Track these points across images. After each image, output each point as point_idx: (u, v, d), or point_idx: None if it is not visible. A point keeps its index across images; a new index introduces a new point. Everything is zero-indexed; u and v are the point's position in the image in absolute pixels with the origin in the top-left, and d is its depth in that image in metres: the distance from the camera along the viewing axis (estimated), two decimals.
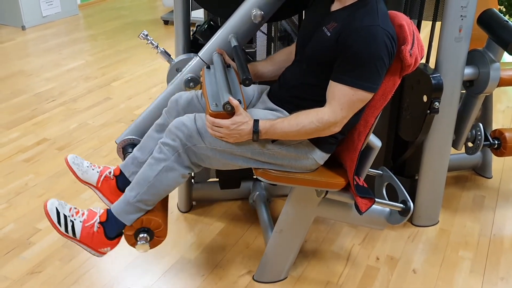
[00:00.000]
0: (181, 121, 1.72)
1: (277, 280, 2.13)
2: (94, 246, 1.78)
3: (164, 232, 1.82)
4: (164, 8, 6.47)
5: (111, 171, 1.94)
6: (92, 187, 1.93)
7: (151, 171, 1.73)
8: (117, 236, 1.79)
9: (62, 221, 1.73)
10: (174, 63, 2.08)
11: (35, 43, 5.17)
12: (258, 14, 1.88)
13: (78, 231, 1.74)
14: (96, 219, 1.77)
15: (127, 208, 1.76)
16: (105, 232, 1.76)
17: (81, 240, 1.75)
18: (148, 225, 1.78)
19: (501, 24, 2.25)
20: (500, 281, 2.15)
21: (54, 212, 1.73)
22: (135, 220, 1.76)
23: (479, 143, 2.57)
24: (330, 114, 1.61)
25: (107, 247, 1.80)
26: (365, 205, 1.81)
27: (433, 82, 2.08)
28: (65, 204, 1.78)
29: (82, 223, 1.75)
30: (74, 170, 1.91)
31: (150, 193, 1.74)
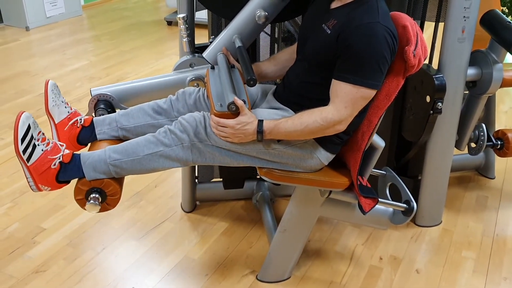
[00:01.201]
0: (193, 116, 1.72)
1: (280, 279, 2.13)
2: (37, 179, 1.67)
3: (116, 202, 1.74)
4: (168, 9, 6.49)
5: (81, 119, 1.87)
6: (53, 123, 1.84)
7: (146, 148, 1.70)
8: (66, 182, 1.71)
9: (26, 140, 1.61)
10: (192, 58, 2.02)
11: (39, 44, 5.19)
12: (262, 15, 1.89)
13: (34, 158, 1.63)
14: (58, 156, 1.67)
15: (98, 165, 1.68)
16: (58, 173, 1.67)
17: (30, 167, 1.64)
18: (106, 188, 1.70)
19: (504, 25, 2.25)
20: (503, 281, 2.15)
21: (25, 127, 1.61)
22: (96, 178, 1.68)
23: (482, 144, 2.57)
24: (334, 112, 1.61)
25: (48, 187, 1.69)
26: (369, 205, 1.82)
27: (436, 83, 2.08)
28: (37, 125, 1.67)
29: (43, 152, 1.64)
30: (48, 97, 1.81)
31: (131, 165, 1.70)
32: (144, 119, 1.86)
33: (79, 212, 2.54)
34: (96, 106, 1.97)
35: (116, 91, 1.99)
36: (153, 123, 1.86)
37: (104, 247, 2.31)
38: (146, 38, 5.42)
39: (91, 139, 1.87)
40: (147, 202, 2.64)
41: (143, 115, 1.87)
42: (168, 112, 1.87)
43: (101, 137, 1.85)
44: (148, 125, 1.85)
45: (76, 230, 2.42)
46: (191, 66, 2.02)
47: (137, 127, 1.85)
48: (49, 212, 2.54)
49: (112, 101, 1.98)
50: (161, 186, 2.78)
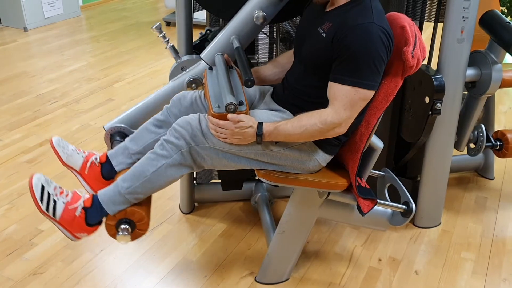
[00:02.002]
0: (186, 120, 1.71)
1: (279, 281, 2.13)
2: (72, 230, 1.72)
3: (146, 226, 1.77)
4: (166, 10, 6.48)
5: (97, 158, 1.89)
6: (75, 172, 1.88)
7: (150, 166, 1.71)
8: (97, 223, 1.74)
9: (45, 199, 1.67)
10: (181, 62, 2.05)
11: (37, 45, 5.18)
12: (260, 15, 1.88)
13: (59, 212, 1.68)
14: (80, 203, 1.71)
15: (115, 198, 1.71)
16: (86, 218, 1.71)
17: (60, 221, 1.70)
18: (131, 217, 1.73)
19: (503, 25, 2.25)
20: (502, 283, 2.15)
21: (39, 188, 1.66)
22: (119, 211, 1.72)
23: (481, 144, 2.57)
24: (334, 115, 1.61)
25: (84, 233, 1.74)
26: (367, 206, 1.81)
27: (435, 83, 2.08)
28: (50, 182, 1.72)
29: (64, 204, 1.69)
30: (58, 153, 1.85)
31: (144, 187, 1.71)
32: (149, 137, 1.87)
33: None
34: (112, 139, 2.02)
35: (125, 120, 2.02)
36: (157, 138, 1.83)
37: (102, 249, 2.30)
38: (145, 38, 5.41)
39: (114, 172, 1.88)
40: None
41: (147, 134, 1.88)
42: (167, 122, 1.87)
43: (119, 168, 1.86)
44: (154, 142, 1.83)
45: None
46: (183, 69, 2.04)
47: (146, 147, 1.85)
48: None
49: (124, 130, 2.01)
50: None
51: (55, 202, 1.68)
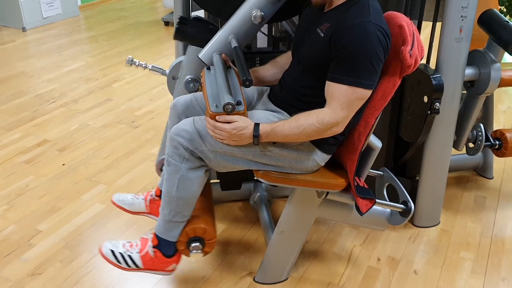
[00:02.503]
0: (179, 127, 1.72)
1: (278, 281, 2.12)
2: (160, 268, 1.86)
3: (213, 234, 1.86)
4: (165, 9, 6.48)
5: (152, 194, 2.04)
6: (145, 214, 2.05)
7: (171, 186, 1.76)
8: (176, 251, 1.86)
9: (120, 259, 1.83)
10: (169, 73, 2.12)
11: (35, 45, 5.18)
12: (258, 15, 1.88)
13: (139, 262, 1.83)
14: (148, 245, 1.85)
15: (167, 227, 1.82)
16: (162, 253, 1.84)
17: (146, 268, 1.85)
18: (195, 234, 1.83)
19: (501, 24, 2.25)
20: (501, 282, 2.15)
21: (110, 254, 1.83)
22: (180, 234, 1.83)
23: (480, 144, 2.57)
24: (331, 114, 1.60)
25: (172, 264, 1.87)
26: (366, 206, 1.81)
27: (433, 83, 2.07)
28: (117, 243, 1.86)
29: (138, 253, 1.84)
30: (123, 208, 2.08)
31: (180, 205, 1.78)
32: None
33: (76, 214, 2.53)
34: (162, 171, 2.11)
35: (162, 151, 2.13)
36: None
37: None
38: (143, 38, 5.41)
39: None
40: None
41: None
42: None
43: None
44: None
45: (72, 232, 2.41)
46: (174, 78, 2.13)
47: None
48: (45, 214, 2.53)
49: None
50: None
51: (130, 257, 1.83)
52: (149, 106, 3.76)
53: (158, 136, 3.29)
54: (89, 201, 2.63)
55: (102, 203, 2.61)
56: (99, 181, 2.81)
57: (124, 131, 3.37)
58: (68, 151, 3.12)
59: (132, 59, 2.16)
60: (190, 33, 2.01)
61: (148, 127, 3.43)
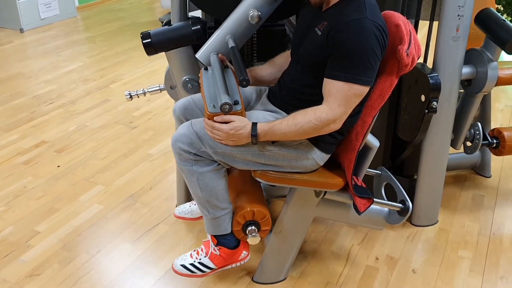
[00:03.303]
0: (177, 133, 1.74)
1: (276, 281, 2.12)
2: (233, 261, 1.94)
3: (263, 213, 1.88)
4: (163, 10, 6.47)
5: None
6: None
7: (194, 189, 1.80)
8: (237, 242, 1.92)
9: (194, 269, 1.91)
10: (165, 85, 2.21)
11: (33, 46, 5.17)
12: (255, 15, 1.88)
13: (211, 265, 1.91)
14: (211, 246, 1.91)
15: (215, 224, 1.85)
16: (227, 248, 1.90)
17: (219, 266, 1.92)
18: (245, 220, 1.87)
19: (498, 23, 2.25)
20: (499, 280, 2.15)
21: (183, 269, 1.92)
22: (230, 224, 1.86)
23: (477, 142, 2.57)
24: (328, 111, 1.60)
25: (242, 253, 1.94)
26: (364, 205, 1.81)
27: (431, 82, 2.08)
28: (184, 256, 1.95)
29: (207, 257, 1.91)
30: (186, 218, 2.24)
31: (212, 202, 1.81)
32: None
33: (74, 215, 2.53)
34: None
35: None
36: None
37: (99, 250, 2.29)
38: None
39: None
40: (142, 204, 2.63)
41: None
42: None
43: None
44: None
45: (70, 233, 2.40)
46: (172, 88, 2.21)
47: None
48: (43, 215, 2.53)
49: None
50: (156, 188, 2.77)
51: (201, 263, 1.91)
52: (147, 106, 3.76)
53: (156, 137, 3.29)
54: (87, 202, 2.63)
55: (100, 204, 2.61)
56: (97, 182, 2.81)
57: (122, 132, 3.37)
58: (66, 152, 3.12)
59: (130, 93, 2.22)
60: (156, 43, 2.02)
61: (146, 128, 3.43)
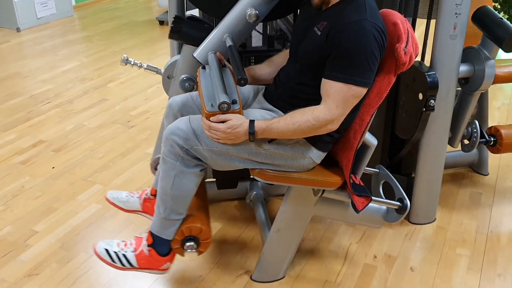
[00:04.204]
0: (175, 125, 1.72)
1: (275, 279, 2.12)
2: (154, 267, 1.86)
3: (208, 234, 1.86)
4: (160, 9, 6.46)
5: (147, 193, 2.04)
6: (139, 212, 2.04)
7: (166, 184, 1.76)
8: (170, 250, 1.86)
9: (115, 259, 1.82)
10: (164, 72, 2.12)
11: (30, 45, 5.16)
12: (253, 13, 1.88)
13: (133, 261, 1.83)
14: (143, 244, 1.84)
15: (163, 225, 1.81)
16: (157, 252, 1.84)
17: (140, 267, 1.84)
18: (190, 233, 1.83)
19: (495, 21, 2.25)
20: (497, 278, 2.16)
21: (105, 253, 1.83)
22: (175, 232, 1.82)
23: (475, 140, 2.58)
24: (326, 112, 1.61)
25: (166, 263, 1.87)
26: (362, 204, 1.81)
27: (428, 80, 2.08)
28: (111, 242, 1.86)
29: (133, 252, 1.83)
30: (117, 205, 2.08)
31: (176, 202, 1.78)
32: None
33: (72, 214, 2.52)
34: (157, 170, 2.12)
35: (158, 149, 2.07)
36: None
37: None
38: (138, 38, 5.39)
39: None
40: None
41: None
42: None
43: None
44: None
45: (69, 232, 2.40)
46: (169, 77, 2.12)
47: None
48: (41, 215, 2.52)
49: None
50: None
51: (124, 256, 1.83)
52: (145, 105, 3.75)
53: (153, 136, 3.29)
54: (85, 201, 2.63)
55: (98, 203, 2.61)
56: (95, 181, 2.80)
57: (119, 131, 3.37)
58: (64, 151, 3.11)
59: (127, 58, 2.16)
60: (185, 32, 2.00)
61: (143, 127, 3.43)
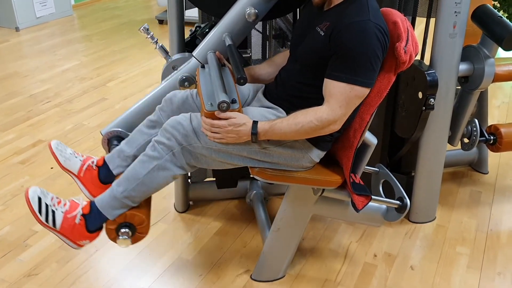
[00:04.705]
0: (177, 120, 1.71)
1: (275, 278, 2.12)
2: (73, 238, 1.73)
3: (147, 229, 1.79)
4: (159, 8, 6.46)
5: (94, 161, 1.90)
6: (73, 175, 1.88)
7: (142, 169, 1.71)
8: (98, 229, 1.75)
9: (43, 210, 1.68)
10: (171, 61, 2.04)
11: (29, 45, 5.16)
12: (252, 12, 1.88)
13: (58, 222, 1.70)
14: (78, 211, 1.73)
15: (112, 203, 1.72)
16: (86, 225, 1.72)
17: (60, 231, 1.71)
18: (131, 221, 1.75)
19: (495, 19, 2.25)
20: (497, 276, 2.16)
21: (36, 200, 1.67)
22: (118, 215, 1.73)
23: (475, 139, 2.57)
24: (329, 112, 1.60)
25: (86, 240, 1.75)
26: (362, 203, 1.81)
27: (428, 79, 2.08)
28: (47, 193, 1.73)
29: (63, 213, 1.71)
30: (56, 156, 1.86)
31: (139, 190, 1.72)
32: (142, 138, 1.88)
33: None
34: (110, 144, 2.02)
35: (121, 123, 2.02)
36: (150, 139, 1.83)
37: (97, 249, 2.29)
38: (138, 37, 5.39)
39: (112, 176, 1.88)
40: None
41: (140, 135, 1.89)
42: (160, 122, 1.87)
43: (117, 172, 1.87)
44: (147, 143, 1.84)
45: None
46: (174, 68, 2.04)
47: (139, 149, 1.85)
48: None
49: (121, 134, 2.01)
50: None
51: (53, 212, 1.69)
52: None
53: None
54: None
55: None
56: None
57: None
58: None
59: (148, 28, 2.02)
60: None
61: None
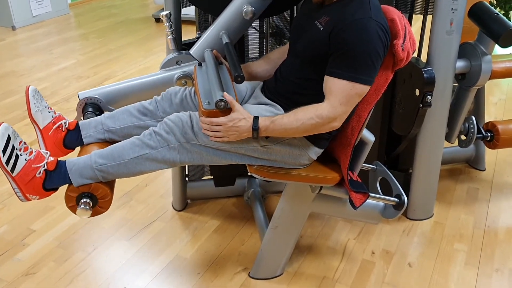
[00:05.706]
0: (178, 116, 1.71)
1: (273, 276, 2.13)
2: (25, 190, 1.66)
3: (108, 204, 1.74)
4: (155, 6, 6.45)
5: (66, 123, 1.86)
6: (38, 129, 1.83)
7: (132, 151, 1.69)
8: (53, 189, 1.70)
9: (8, 151, 1.59)
10: (178, 55, 2.01)
11: (26, 43, 5.14)
12: (249, 10, 1.87)
13: (18, 168, 1.62)
14: (43, 164, 1.66)
15: (83, 171, 1.67)
16: (44, 181, 1.66)
17: (16, 178, 1.63)
18: (95, 192, 1.69)
19: (492, 16, 2.25)
20: (495, 273, 2.16)
21: (5, 138, 1.59)
22: (83, 184, 1.67)
23: (472, 136, 2.58)
24: (330, 109, 1.60)
25: (36, 196, 1.69)
26: (360, 200, 1.81)
27: (425, 76, 2.08)
28: (17, 136, 1.65)
29: (26, 161, 1.63)
30: (30, 103, 1.79)
31: (118, 170, 1.69)
32: (129, 120, 1.85)
33: (69, 213, 2.49)
34: (84, 109, 1.96)
35: (104, 94, 1.97)
36: (139, 124, 1.84)
37: (95, 248, 2.29)
38: (134, 35, 5.38)
39: (78, 143, 1.86)
40: (137, 202, 2.62)
41: (128, 116, 1.86)
42: (154, 113, 1.86)
43: (87, 141, 1.84)
44: (134, 126, 1.84)
45: (66, 231, 2.40)
46: (178, 63, 2.01)
47: (123, 128, 1.84)
48: (38, 213, 2.52)
49: (100, 104, 1.97)
50: (151, 185, 2.76)
51: (17, 157, 1.61)
52: None
53: None
54: None
55: None
56: None
57: None
58: None
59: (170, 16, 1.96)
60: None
61: None
